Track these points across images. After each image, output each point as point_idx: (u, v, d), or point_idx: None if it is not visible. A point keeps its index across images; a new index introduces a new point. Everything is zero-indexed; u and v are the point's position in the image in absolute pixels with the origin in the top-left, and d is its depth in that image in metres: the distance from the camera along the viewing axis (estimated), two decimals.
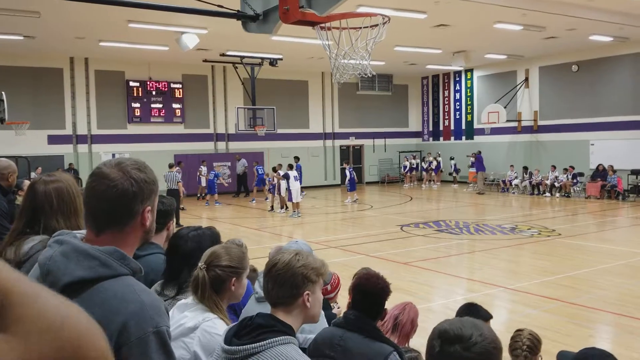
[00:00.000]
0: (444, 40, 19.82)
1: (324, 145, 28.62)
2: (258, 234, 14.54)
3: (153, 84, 23.71)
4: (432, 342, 1.58)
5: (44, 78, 21.65)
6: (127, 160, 1.62)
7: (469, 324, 1.58)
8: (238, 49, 20.53)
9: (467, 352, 1.50)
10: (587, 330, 7.01)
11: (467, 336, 1.52)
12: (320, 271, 2.15)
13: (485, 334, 1.55)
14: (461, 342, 1.52)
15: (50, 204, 2.51)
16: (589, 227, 15.36)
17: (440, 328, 1.59)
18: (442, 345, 1.54)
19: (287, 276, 2.07)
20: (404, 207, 20.35)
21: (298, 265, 2.08)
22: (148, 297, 1.55)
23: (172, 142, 24.06)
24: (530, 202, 21.21)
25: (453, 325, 1.57)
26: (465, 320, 1.61)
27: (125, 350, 1.46)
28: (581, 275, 9.61)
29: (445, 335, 1.55)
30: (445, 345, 1.53)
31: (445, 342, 1.54)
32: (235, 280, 2.40)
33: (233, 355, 1.97)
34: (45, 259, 1.55)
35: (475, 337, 1.53)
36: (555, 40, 20.34)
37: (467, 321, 1.60)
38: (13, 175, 4.70)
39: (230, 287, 2.39)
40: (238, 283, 2.42)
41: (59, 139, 22.08)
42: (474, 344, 1.51)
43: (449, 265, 10.71)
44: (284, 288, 2.07)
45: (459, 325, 1.57)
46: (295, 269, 2.07)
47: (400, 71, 28.68)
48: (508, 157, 25.73)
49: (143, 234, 1.65)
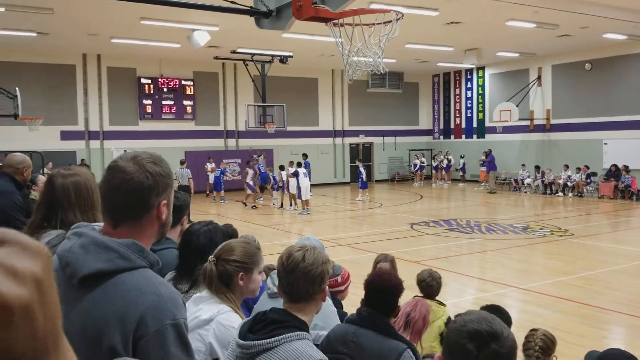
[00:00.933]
0: (455, 37, 19.72)
1: (333, 143, 28.59)
2: (269, 231, 14.55)
3: (164, 81, 23.80)
4: (466, 347, 1.47)
5: (57, 74, 21.80)
6: (143, 154, 1.62)
7: (492, 318, 1.54)
8: (249, 46, 20.56)
9: (503, 348, 1.47)
10: (600, 331, 6.95)
11: (499, 332, 1.48)
12: (331, 263, 2.22)
13: (505, 326, 1.53)
14: (497, 340, 1.47)
15: (68, 198, 2.52)
16: (603, 228, 15.23)
17: (469, 330, 1.49)
18: (479, 348, 1.46)
19: (317, 272, 2.08)
20: (414, 205, 20.29)
21: (324, 261, 2.11)
22: (166, 289, 1.55)
23: (182, 139, 24.14)
24: (542, 201, 21.08)
25: (481, 325, 1.50)
26: (483, 316, 1.55)
27: (144, 342, 1.47)
28: (594, 275, 9.53)
29: (479, 337, 1.48)
30: (483, 348, 1.46)
31: (482, 344, 1.47)
32: (243, 275, 2.39)
33: (248, 350, 1.98)
34: (64, 250, 1.56)
35: (505, 331, 1.50)
36: (569, 38, 20.17)
37: (487, 316, 1.55)
38: (28, 170, 4.73)
39: (238, 281, 2.39)
40: (247, 278, 2.41)
41: (71, 135, 22.25)
42: (506, 338, 1.48)
43: (459, 264, 10.66)
44: (315, 284, 2.08)
45: (486, 322, 1.51)
46: (323, 265, 2.11)
47: (411, 69, 28.58)
48: (520, 156, 25.57)
49: (159, 228, 1.66)
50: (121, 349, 1.46)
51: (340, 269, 4.17)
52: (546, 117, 24.69)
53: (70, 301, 1.54)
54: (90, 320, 1.50)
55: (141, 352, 1.46)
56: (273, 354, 1.95)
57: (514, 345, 1.49)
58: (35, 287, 0.61)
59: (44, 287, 0.63)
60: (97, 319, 1.49)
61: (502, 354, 1.46)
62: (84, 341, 1.49)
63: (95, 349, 1.47)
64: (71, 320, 1.52)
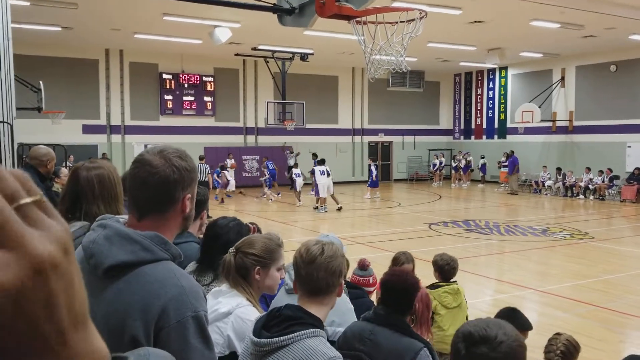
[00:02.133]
0: (478, 37, 19.56)
1: (352, 142, 28.54)
2: (286, 228, 14.59)
3: (185, 77, 23.97)
4: (457, 346, 1.55)
5: (80, 69, 22.09)
6: (169, 148, 1.65)
7: (493, 323, 1.57)
8: (270, 43, 20.62)
9: (494, 352, 1.48)
10: (618, 335, 6.87)
11: (493, 336, 1.50)
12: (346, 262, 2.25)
13: (509, 333, 1.53)
14: (487, 343, 1.49)
15: (92, 190, 2.57)
16: (624, 231, 15.00)
17: (464, 331, 1.55)
18: (467, 348, 1.51)
19: (336, 265, 2.10)
20: (432, 205, 20.19)
21: (341, 256, 2.14)
22: (188, 282, 1.58)
23: (202, 135, 24.29)
24: (563, 204, 20.83)
25: (477, 327, 1.54)
26: (488, 320, 1.59)
27: (165, 333, 1.49)
28: (614, 279, 9.40)
29: (470, 338, 1.52)
30: (472, 348, 1.50)
31: (471, 345, 1.51)
32: (260, 270, 2.41)
33: (262, 347, 1.99)
34: (89, 242, 1.59)
35: (500, 336, 1.50)
36: (594, 39, 19.88)
37: (491, 321, 1.59)
38: (51, 163, 4.80)
39: (254, 275, 2.40)
40: (264, 274, 2.43)
41: (93, 129, 22.53)
42: (500, 343, 1.49)
43: (477, 265, 10.59)
44: (334, 277, 2.10)
45: (483, 326, 1.54)
46: (341, 258, 2.13)
47: (432, 68, 28.40)
48: (541, 157, 25.27)
49: (183, 221, 1.69)
50: (143, 339, 1.49)
51: (372, 271, 4.34)
52: (569, 118, 24.38)
53: (93, 292, 1.57)
54: (113, 311, 1.53)
55: (162, 343, 1.49)
56: (287, 352, 1.96)
57: (511, 352, 1.49)
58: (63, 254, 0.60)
59: (71, 258, 0.62)
60: (120, 309, 1.52)
61: (491, 357, 1.48)
62: (107, 331, 1.52)
63: (117, 338, 1.50)
64: (94, 310, 1.54)
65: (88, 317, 0.65)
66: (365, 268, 4.44)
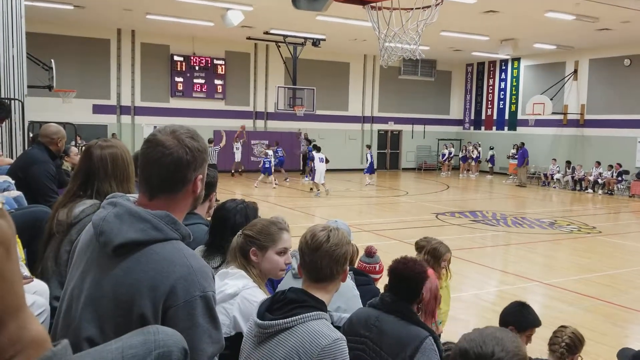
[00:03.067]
0: (492, 27, 19.37)
1: (362, 129, 28.45)
2: (292, 213, 14.62)
3: (196, 59, 23.93)
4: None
5: (91, 48, 22.08)
6: (181, 129, 1.65)
7: (490, 338, 1.51)
8: (282, 27, 20.51)
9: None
10: (622, 330, 6.86)
11: (489, 354, 1.45)
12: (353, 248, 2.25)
13: (508, 347, 1.48)
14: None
15: (105, 169, 2.59)
16: (631, 227, 14.93)
17: (461, 347, 1.50)
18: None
19: (341, 252, 2.11)
20: (440, 195, 20.15)
21: (347, 242, 2.15)
22: (196, 262, 1.58)
23: (212, 118, 24.29)
24: (571, 197, 20.73)
25: (473, 343, 1.49)
26: (486, 334, 1.53)
27: (173, 312, 1.51)
28: (620, 274, 9.38)
29: (466, 356, 1.48)
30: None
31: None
32: (256, 251, 2.42)
33: (266, 329, 2.01)
34: (99, 219, 1.60)
35: (498, 353, 1.46)
36: (608, 32, 19.64)
37: (488, 335, 1.52)
38: (62, 141, 4.82)
39: (251, 256, 2.42)
40: (261, 255, 2.43)
41: (103, 109, 22.58)
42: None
43: (483, 256, 10.59)
44: (338, 265, 2.11)
45: (479, 342, 1.49)
46: (347, 246, 2.14)
47: (444, 57, 28.19)
48: (551, 150, 25.11)
49: (193, 201, 1.69)
50: (151, 316, 1.50)
51: (379, 259, 4.38)
52: (580, 112, 24.17)
53: (103, 269, 1.58)
54: (122, 288, 1.54)
55: (169, 321, 1.50)
56: (290, 334, 1.98)
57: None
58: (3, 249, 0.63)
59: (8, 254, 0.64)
60: (128, 287, 1.53)
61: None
62: (115, 308, 1.54)
63: (125, 315, 1.52)
64: (103, 287, 1.57)
65: (23, 306, 0.68)
66: (371, 255, 4.44)
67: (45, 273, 2.54)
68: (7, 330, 0.65)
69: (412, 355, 2.50)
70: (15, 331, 0.67)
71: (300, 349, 1.94)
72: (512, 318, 3.53)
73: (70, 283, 1.69)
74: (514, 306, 3.64)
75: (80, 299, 1.60)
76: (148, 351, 1.29)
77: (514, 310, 3.60)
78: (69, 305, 1.64)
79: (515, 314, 3.56)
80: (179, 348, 1.34)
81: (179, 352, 1.33)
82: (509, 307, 3.67)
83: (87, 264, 1.64)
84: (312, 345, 1.93)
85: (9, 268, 0.66)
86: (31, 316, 0.71)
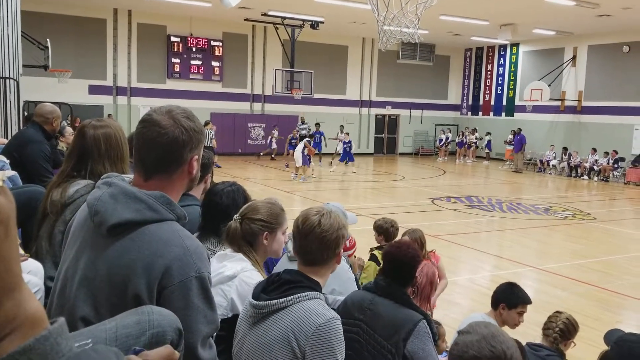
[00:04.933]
0: (491, 11, 19.26)
1: (359, 113, 28.38)
2: (287, 196, 14.63)
3: (194, 40, 23.74)
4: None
5: (87, 28, 21.88)
6: (177, 109, 1.63)
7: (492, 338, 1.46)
8: (280, 9, 20.34)
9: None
10: (615, 316, 6.92)
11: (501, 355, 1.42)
12: (347, 228, 2.25)
13: (507, 340, 1.46)
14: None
15: (99, 149, 2.57)
16: (626, 213, 14.99)
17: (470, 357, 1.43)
18: None
19: (333, 237, 2.11)
20: (436, 180, 20.18)
21: (341, 226, 2.14)
22: (192, 242, 1.58)
23: (209, 100, 24.18)
24: (567, 183, 20.79)
25: (482, 350, 1.43)
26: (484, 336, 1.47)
27: (168, 292, 1.51)
28: (614, 260, 9.44)
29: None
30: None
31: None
32: (268, 234, 2.43)
33: (261, 309, 2.02)
34: (94, 199, 1.59)
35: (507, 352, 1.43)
36: (608, 19, 19.55)
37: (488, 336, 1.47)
38: (57, 121, 4.79)
39: (263, 241, 2.43)
40: (271, 238, 2.45)
41: (99, 90, 22.43)
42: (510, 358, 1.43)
43: (478, 241, 10.64)
44: (330, 249, 2.11)
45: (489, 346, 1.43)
46: (339, 231, 2.13)
47: (443, 41, 28.05)
48: (548, 136, 25.13)
49: (188, 182, 1.68)
50: (146, 297, 1.50)
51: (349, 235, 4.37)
52: (578, 98, 24.14)
53: (97, 248, 1.58)
54: (117, 268, 1.53)
55: (164, 302, 1.50)
56: (285, 313, 1.99)
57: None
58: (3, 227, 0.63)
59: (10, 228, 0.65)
60: (123, 267, 1.53)
61: None
62: (109, 288, 1.54)
63: (120, 295, 1.51)
64: (97, 267, 1.56)
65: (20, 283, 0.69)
66: None
67: (39, 253, 2.53)
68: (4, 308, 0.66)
69: (405, 338, 2.51)
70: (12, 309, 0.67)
71: (295, 327, 1.95)
72: (503, 296, 3.71)
73: (64, 263, 1.68)
74: (504, 285, 3.83)
75: (74, 279, 1.60)
76: (142, 331, 1.29)
77: (504, 289, 3.76)
78: (64, 285, 1.64)
79: (506, 292, 3.74)
80: (173, 328, 1.35)
81: (173, 332, 1.34)
82: (500, 287, 3.83)
83: (82, 244, 1.63)
84: (306, 323, 1.94)
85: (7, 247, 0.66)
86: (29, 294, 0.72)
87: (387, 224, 5.23)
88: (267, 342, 2.00)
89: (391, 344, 2.53)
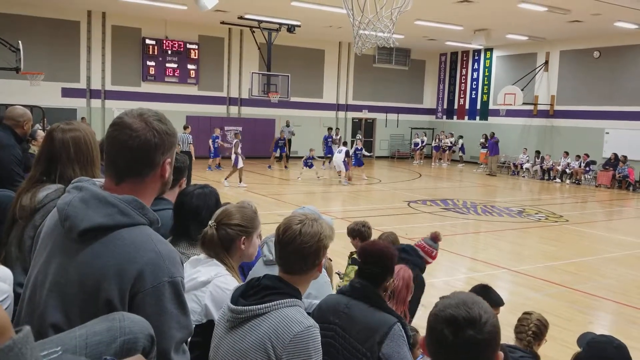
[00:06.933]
0: (466, 17, 19.49)
1: (336, 117, 28.45)
2: (265, 200, 14.58)
3: (169, 43, 23.55)
4: (443, 332, 1.45)
5: (60, 30, 21.55)
6: (149, 112, 1.62)
7: (471, 302, 1.50)
8: (256, 12, 20.30)
9: (481, 334, 1.43)
10: (587, 316, 7.04)
11: (477, 317, 1.45)
12: (332, 237, 2.17)
13: (486, 308, 1.49)
14: (473, 325, 1.43)
15: (67, 153, 2.51)
16: (597, 216, 15.29)
17: (446, 315, 1.47)
18: (455, 334, 1.44)
19: (312, 249, 2.06)
20: (412, 183, 20.32)
21: (322, 237, 2.09)
22: (164, 247, 1.56)
23: (185, 103, 23.99)
24: (540, 186, 21.12)
25: (459, 309, 1.46)
26: (463, 298, 1.52)
27: (140, 297, 1.49)
28: (586, 262, 9.61)
29: (455, 323, 1.45)
30: (459, 333, 1.43)
31: (458, 330, 1.44)
32: (245, 239, 2.41)
33: (239, 315, 1.99)
34: (64, 204, 1.56)
35: (483, 315, 1.46)
36: (579, 25, 19.95)
37: (467, 300, 1.51)
38: (28, 124, 4.71)
39: (240, 245, 2.41)
40: (248, 242, 2.44)
41: (72, 92, 22.09)
42: (485, 324, 1.45)
43: (453, 244, 10.72)
44: (309, 260, 2.08)
45: (464, 307, 1.47)
46: (320, 242, 2.08)
47: (418, 46, 28.29)
48: (521, 140, 25.51)
49: (161, 186, 1.66)
50: (118, 302, 1.48)
51: (438, 247, 4.87)
52: (550, 103, 24.56)
53: (68, 254, 1.55)
54: (88, 274, 1.51)
55: (137, 307, 1.48)
56: (263, 320, 1.96)
57: (494, 330, 1.46)
58: None
59: None
60: (95, 272, 1.50)
61: (479, 340, 1.43)
62: (81, 293, 1.51)
63: (91, 301, 1.49)
64: (69, 272, 1.54)
65: None
66: (436, 241, 4.82)
67: (8, 259, 2.48)
68: None
69: (380, 341, 2.52)
70: None
71: (272, 335, 1.92)
72: None
73: (34, 269, 1.65)
74: (477, 288, 3.86)
75: (45, 285, 1.57)
76: (113, 338, 1.27)
77: (478, 291, 3.78)
78: (33, 291, 1.61)
79: (479, 294, 3.71)
80: (145, 335, 1.33)
81: (145, 339, 1.32)
82: (473, 289, 3.87)
83: (52, 249, 1.60)
84: (284, 331, 1.92)
85: None
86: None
87: (359, 225, 5.34)
88: (243, 348, 1.97)
89: (366, 347, 2.53)
